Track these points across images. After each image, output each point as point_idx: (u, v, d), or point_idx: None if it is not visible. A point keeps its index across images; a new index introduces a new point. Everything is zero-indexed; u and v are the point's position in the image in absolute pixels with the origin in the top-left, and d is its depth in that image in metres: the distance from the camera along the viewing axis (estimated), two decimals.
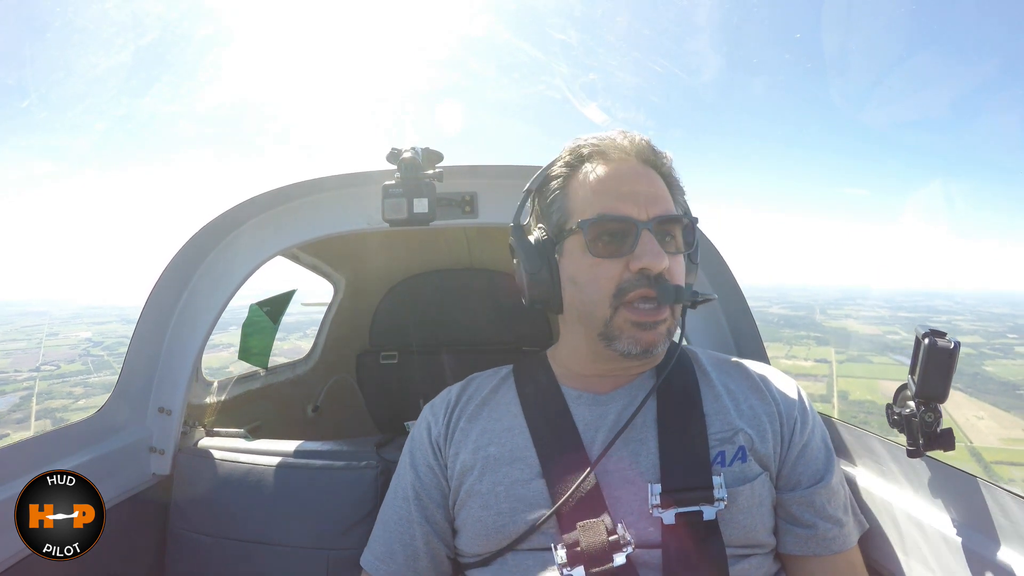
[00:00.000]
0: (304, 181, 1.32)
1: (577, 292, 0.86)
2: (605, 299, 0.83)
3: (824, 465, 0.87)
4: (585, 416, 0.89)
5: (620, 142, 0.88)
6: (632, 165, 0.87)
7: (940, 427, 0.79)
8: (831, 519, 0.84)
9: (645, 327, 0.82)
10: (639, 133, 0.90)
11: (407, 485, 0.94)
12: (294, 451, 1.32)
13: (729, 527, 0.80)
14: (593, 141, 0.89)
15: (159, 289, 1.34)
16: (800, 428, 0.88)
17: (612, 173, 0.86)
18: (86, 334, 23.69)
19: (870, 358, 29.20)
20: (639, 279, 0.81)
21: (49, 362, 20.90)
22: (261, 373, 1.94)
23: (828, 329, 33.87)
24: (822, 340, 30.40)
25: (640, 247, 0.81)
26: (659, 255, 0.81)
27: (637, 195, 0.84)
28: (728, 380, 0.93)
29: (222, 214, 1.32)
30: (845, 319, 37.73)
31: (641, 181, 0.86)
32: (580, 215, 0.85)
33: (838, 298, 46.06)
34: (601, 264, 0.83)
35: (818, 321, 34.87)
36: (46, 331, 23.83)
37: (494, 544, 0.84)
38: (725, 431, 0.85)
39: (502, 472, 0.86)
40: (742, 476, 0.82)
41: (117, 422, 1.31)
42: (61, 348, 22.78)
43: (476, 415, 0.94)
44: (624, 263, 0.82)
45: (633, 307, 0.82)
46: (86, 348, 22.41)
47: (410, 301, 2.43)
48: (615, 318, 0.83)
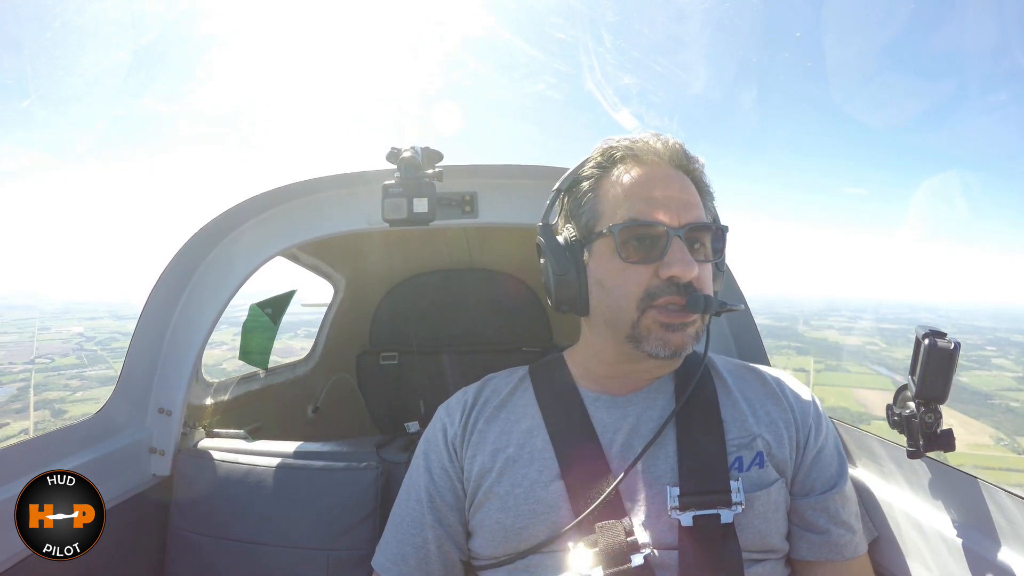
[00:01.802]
0: (304, 181, 1.32)
1: (604, 296, 0.85)
2: (632, 303, 0.82)
3: (837, 471, 0.87)
4: (604, 418, 0.89)
5: (654, 145, 0.87)
6: (665, 169, 0.86)
7: (940, 428, 0.79)
8: (844, 525, 0.85)
9: (674, 328, 0.82)
10: (672, 136, 0.88)
11: (420, 487, 0.93)
12: (294, 452, 1.32)
13: (745, 532, 0.80)
14: (626, 143, 0.87)
15: (159, 289, 1.34)
16: (815, 434, 0.88)
17: (644, 177, 0.85)
18: (78, 329, 23.73)
19: (847, 367, 29.82)
20: (668, 286, 0.81)
21: (43, 355, 20.94)
22: (261, 374, 1.94)
23: (809, 340, 34.42)
24: (802, 350, 30.87)
25: (670, 254, 0.80)
26: (689, 264, 0.80)
27: (669, 201, 0.83)
28: (745, 386, 0.93)
29: (222, 214, 1.32)
30: (827, 330, 38.30)
31: (673, 186, 0.84)
32: (611, 218, 0.84)
33: (822, 309, 46.73)
34: (630, 269, 0.82)
35: (800, 332, 35.33)
36: (37, 325, 23.87)
37: (512, 547, 0.84)
38: (743, 436, 0.85)
39: (520, 474, 0.86)
40: (759, 481, 0.82)
41: (117, 423, 1.31)
42: (54, 342, 22.83)
43: (494, 417, 0.94)
44: (653, 269, 0.81)
45: (662, 309, 0.81)
46: (79, 343, 22.48)
47: (410, 301, 2.42)
48: (643, 319, 0.82)
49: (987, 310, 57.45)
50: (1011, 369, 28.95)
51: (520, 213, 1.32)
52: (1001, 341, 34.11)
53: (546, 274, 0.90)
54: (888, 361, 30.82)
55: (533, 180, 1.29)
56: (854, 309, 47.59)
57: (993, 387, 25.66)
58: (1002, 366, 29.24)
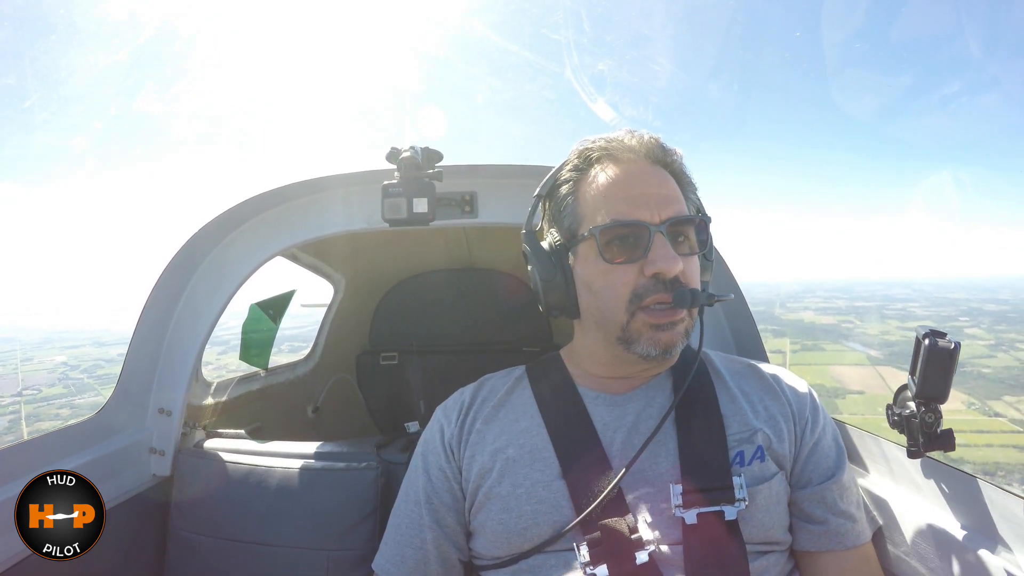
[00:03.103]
0: (304, 181, 1.32)
1: (593, 298, 0.85)
2: (621, 305, 0.82)
3: (835, 462, 0.88)
4: (603, 417, 0.89)
5: (628, 142, 0.87)
6: (641, 166, 0.86)
7: (940, 427, 0.79)
8: (843, 514, 0.85)
9: (663, 328, 0.82)
10: (647, 131, 0.88)
11: (418, 489, 0.93)
12: (294, 452, 1.32)
13: (748, 525, 0.80)
14: (601, 143, 0.88)
15: (159, 289, 1.34)
16: (811, 426, 0.89)
17: (621, 176, 0.85)
18: (61, 358, 23.75)
19: (823, 346, 30.54)
20: (654, 284, 0.81)
21: (30, 386, 20.99)
22: (261, 374, 1.94)
23: (786, 322, 34.96)
24: (779, 332, 31.30)
25: (653, 251, 0.81)
26: (673, 259, 0.80)
27: (648, 198, 0.83)
28: (742, 382, 0.93)
29: (222, 214, 1.32)
30: (803, 311, 38.81)
31: (651, 183, 0.85)
32: (591, 220, 0.84)
33: (798, 291, 47.11)
34: (615, 270, 0.82)
35: (777, 315, 35.74)
36: (20, 356, 23.87)
37: (516, 547, 0.84)
38: (743, 431, 0.85)
39: (522, 473, 0.86)
40: (760, 475, 0.83)
41: (117, 423, 1.31)
42: (39, 372, 22.87)
43: (492, 417, 0.94)
44: (638, 268, 0.82)
45: (650, 310, 0.82)
46: (64, 372, 22.51)
47: (410, 301, 2.43)
48: (632, 322, 0.83)
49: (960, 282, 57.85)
50: (983, 338, 29.74)
51: (520, 213, 1.32)
52: (974, 311, 35.10)
53: (534, 280, 0.91)
54: (863, 337, 31.68)
55: (533, 180, 1.28)
56: (830, 289, 47.99)
57: (966, 355, 25.69)
58: (975, 335, 30.01)
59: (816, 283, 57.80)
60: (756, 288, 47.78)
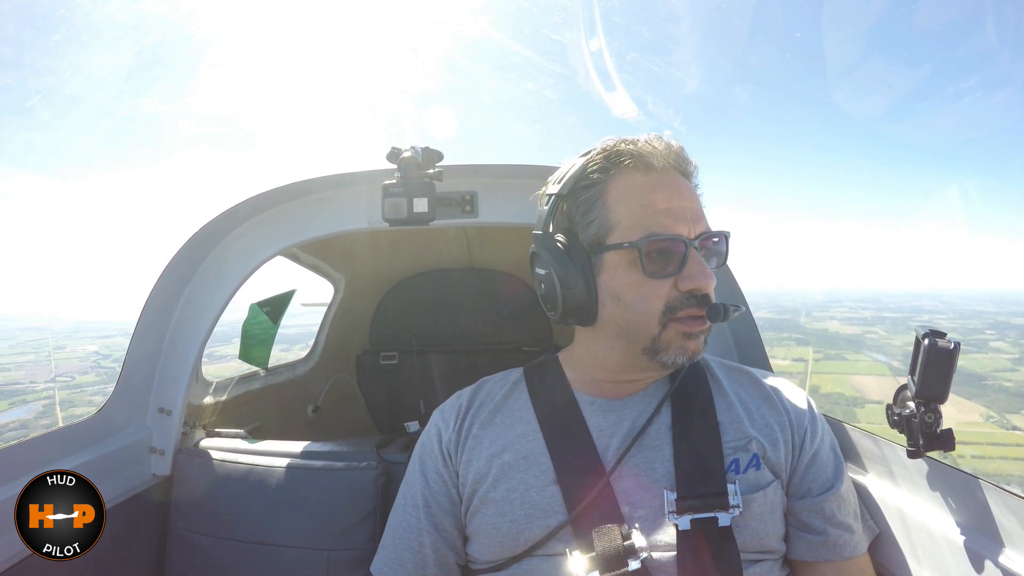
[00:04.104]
0: (304, 181, 1.32)
1: (620, 309, 0.83)
2: (654, 318, 0.82)
3: (834, 473, 0.88)
4: (599, 422, 0.89)
5: (659, 147, 0.85)
6: (674, 177, 0.85)
7: (940, 427, 0.79)
8: (841, 525, 0.85)
9: (693, 336, 0.83)
10: (672, 138, 0.87)
11: (416, 492, 0.93)
12: (294, 452, 1.32)
13: (743, 533, 0.80)
14: (631, 147, 0.85)
15: (159, 289, 1.34)
16: (810, 437, 0.88)
17: (658, 187, 0.83)
18: (93, 347, 24.08)
19: (846, 356, 30.39)
20: (687, 298, 0.81)
21: (63, 373, 21.29)
22: (261, 374, 1.94)
23: (810, 331, 34.97)
24: (803, 341, 31.45)
25: (690, 267, 0.80)
26: (709, 276, 0.81)
27: (685, 211, 0.82)
28: (740, 389, 0.93)
29: (222, 213, 1.32)
30: (828, 321, 38.72)
31: (685, 196, 0.84)
32: (628, 230, 0.82)
33: (825, 301, 47.07)
34: (651, 283, 0.81)
35: (802, 323, 35.88)
36: (52, 345, 24.17)
37: (509, 551, 0.84)
38: (739, 439, 0.85)
39: (517, 479, 0.86)
40: (756, 483, 0.83)
41: (117, 422, 1.31)
42: (71, 361, 23.22)
43: (489, 421, 0.93)
44: (672, 282, 0.81)
45: (683, 320, 0.82)
46: (96, 360, 22.74)
47: (410, 301, 2.43)
48: (664, 333, 0.82)
49: (990, 295, 57.76)
50: (1007, 351, 29.49)
51: (520, 213, 1.32)
52: (1001, 325, 34.63)
53: (549, 285, 0.87)
54: (887, 348, 31.38)
55: (533, 180, 1.28)
56: (857, 300, 47.94)
57: (988, 368, 26.20)
58: (999, 348, 29.72)
59: (844, 292, 57.84)
60: (782, 296, 47.87)
